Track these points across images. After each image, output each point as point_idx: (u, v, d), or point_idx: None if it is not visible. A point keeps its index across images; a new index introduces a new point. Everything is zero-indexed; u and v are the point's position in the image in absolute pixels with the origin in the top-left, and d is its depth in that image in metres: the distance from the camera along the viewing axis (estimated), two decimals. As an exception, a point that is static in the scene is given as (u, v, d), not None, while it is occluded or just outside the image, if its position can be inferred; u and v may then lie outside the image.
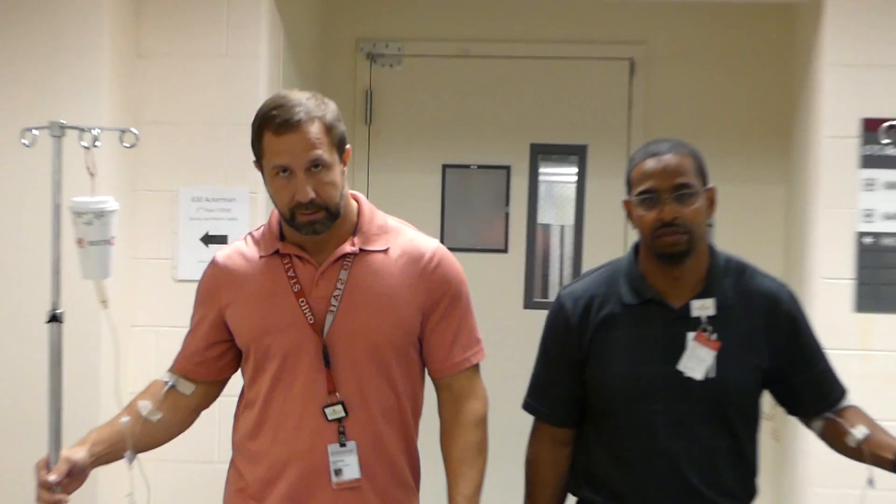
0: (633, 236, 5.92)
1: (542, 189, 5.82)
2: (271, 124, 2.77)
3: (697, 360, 2.85)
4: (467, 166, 5.79)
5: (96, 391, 4.43)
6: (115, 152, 4.48)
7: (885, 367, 4.55)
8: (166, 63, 4.93)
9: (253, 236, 3.03)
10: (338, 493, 2.85)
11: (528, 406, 3.13)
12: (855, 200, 4.75)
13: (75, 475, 2.77)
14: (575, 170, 5.80)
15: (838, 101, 4.79)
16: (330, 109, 2.84)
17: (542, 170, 5.82)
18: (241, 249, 3.02)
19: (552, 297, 5.71)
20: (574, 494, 3.12)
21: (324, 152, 2.77)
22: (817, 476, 4.63)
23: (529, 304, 5.80)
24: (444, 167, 5.84)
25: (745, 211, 5.53)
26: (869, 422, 2.91)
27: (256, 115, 2.85)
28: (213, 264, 3.04)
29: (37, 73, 4.69)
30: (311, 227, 2.80)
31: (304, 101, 2.79)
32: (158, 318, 4.18)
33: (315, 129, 2.77)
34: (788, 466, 4.90)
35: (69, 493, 2.77)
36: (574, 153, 5.78)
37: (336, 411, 2.82)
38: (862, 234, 4.75)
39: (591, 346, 2.97)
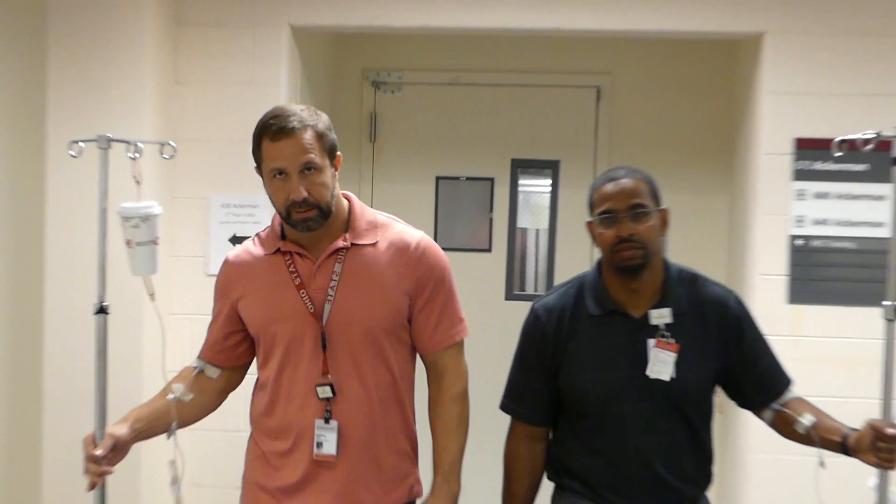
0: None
1: (520, 198, 5.84)
2: (269, 132, 2.79)
3: (662, 364, 2.86)
4: (457, 178, 5.80)
5: (139, 373, 4.47)
6: (157, 165, 4.50)
7: (814, 351, 4.64)
8: (200, 89, 4.97)
9: (259, 237, 3.05)
10: (339, 465, 2.87)
11: (506, 407, 3.15)
12: (788, 208, 4.80)
13: (119, 449, 2.80)
14: (549, 182, 5.82)
15: (774, 124, 4.83)
16: (322, 120, 2.87)
17: (521, 181, 5.84)
18: (248, 249, 3.04)
19: (529, 290, 5.81)
20: (552, 481, 3.13)
21: (316, 156, 2.80)
22: (756, 443, 4.66)
23: (510, 296, 5.82)
24: (438, 178, 5.83)
25: (695, 217, 5.56)
26: (814, 409, 2.94)
27: (256, 126, 2.87)
28: (226, 263, 3.08)
29: (90, 97, 4.74)
30: (305, 224, 2.81)
31: (299, 111, 2.83)
32: (193, 307, 4.19)
33: (308, 136, 2.79)
34: (731, 436, 4.95)
35: (113, 464, 2.80)
36: (548, 167, 5.79)
37: (325, 391, 2.83)
38: (794, 237, 4.80)
39: (564, 355, 2.99)
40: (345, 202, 3.00)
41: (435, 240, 6.16)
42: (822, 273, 4.76)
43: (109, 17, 4.70)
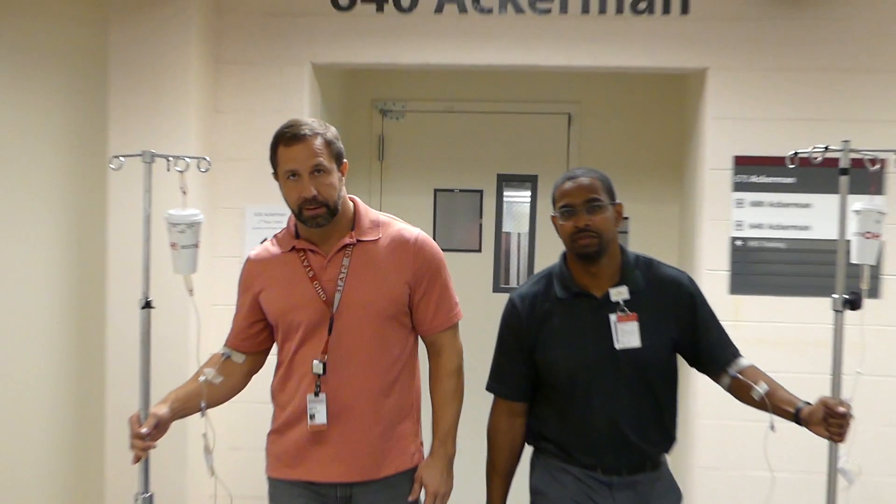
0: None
1: (505, 207, 5.81)
2: (283, 139, 2.83)
3: (627, 335, 2.84)
4: (452, 190, 5.79)
5: (186, 358, 4.49)
6: (200, 179, 4.53)
7: (752, 334, 4.62)
8: (236, 116, 4.97)
9: (276, 237, 3.05)
10: (343, 428, 2.87)
11: (490, 387, 3.12)
12: (729, 215, 4.81)
13: (160, 427, 2.82)
14: (529, 193, 5.80)
15: (716, 144, 4.83)
16: (330, 130, 2.91)
17: (505, 193, 5.80)
18: (267, 248, 3.04)
19: (513, 283, 5.84)
20: (531, 445, 3.11)
21: (324, 160, 2.82)
22: (703, 410, 4.68)
23: (497, 289, 5.75)
24: (436, 191, 5.78)
25: (651, 223, 5.58)
26: (767, 378, 2.91)
27: (273, 136, 2.92)
28: (248, 261, 3.08)
29: (144, 122, 4.74)
30: (314, 220, 2.82)
31: (310, 122, 2.87)
32: (230, 299, 4.24)
33: (318, 143, 2.82)
34: (680, 403, 4.95)
35: (155, 440, 2.83)
36: (528, 181, 5.79)
37: (317, 367, 2.83)
38: (734, 239, 4.80)
39: (538, 335, 2.96)
40: (351, 204, 3.00)
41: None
42: (757, 268, 4.79)
43: (161, 57, 4.73)
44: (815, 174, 4.75)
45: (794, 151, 2.95)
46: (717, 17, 4.86)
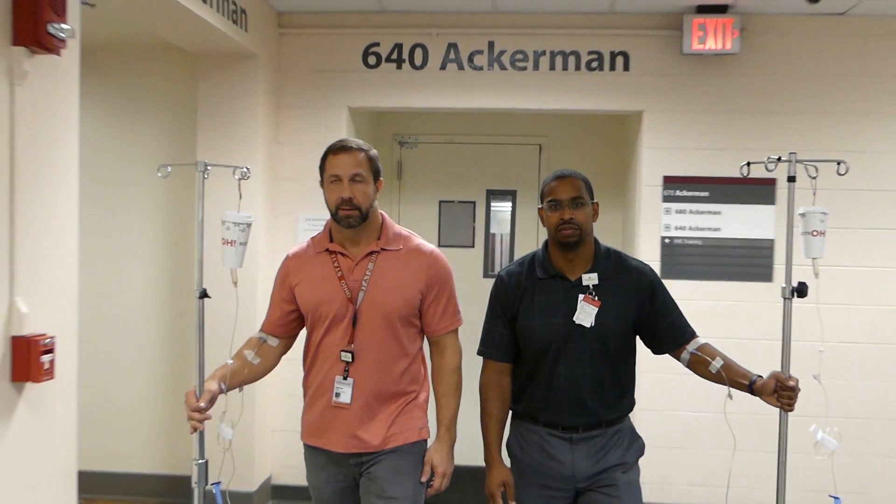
0: (542, 240, 5.99)
1: (492, 214, 5.71)
2: (333, 149, 2.63)
3: (586, 314, 2.62)
4: (452, 201, 5.74)
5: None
6: (266, 192, 4.56)
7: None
8: (291, 147, 5.02)
9: (313, 239, 2.77)
10: (357, 406, 2.63)
11: (481, 351, 2.85)
12: (660, 220, 4.84)
13: (213, 400, 2.59)
14: (510, 204, 5.71)
15: (650, 167, 4.86)
16: (373, 151, 2.68)
17: (492, 204, 5.70)
18: (304, 248, 2.78)
19: (497, 270, 5.74)
20: (512, 407, 2.82)
21: (363, 171, 2.59)
22: (643, 366, 4.68)
23: (486, 275, 5.61)
24: (440, 202, 5.70)
25: (601, 226, 5.43)
26: (721, 354, 2.68)
27: (325, 150, 2.70)
28: (287, 258, 2.81)
29: (224, 151, 4.73)
30: (347, 221, 2.58)
31: (358, 141, 2.67)
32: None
33: (360, 156, 2.61)
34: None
35: (210, 408, 2.58)
36: (509, 195, 5.72)
37: (346, 356, 2.60)
38: (664, 238, 4.85)
39: (519, 306, 2.72)
40: (380, 217, 2.74)
41: (438, 241, 6.30)
42: (680, 259, 4.82)
43: (237, 103, 4.76)
44: (723, 190, 4.82)
45: (746, 162, 2.70)
46: (650, 74, 4.88)
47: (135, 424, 5.13)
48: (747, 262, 4.79)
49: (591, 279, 2.66)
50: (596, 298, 2.65)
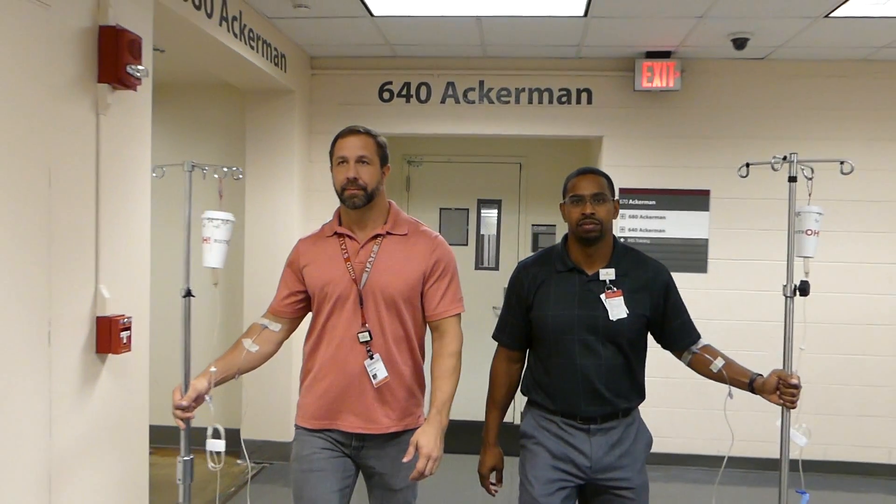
0: (524, 243, 5.98)
1: (482, 219, 5.75)
2: (342, 133, 2.25)
3: (616, 307, 2.19)
4: (450, 208, 5.76)
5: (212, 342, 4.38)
6: (302, 198, 4.51)
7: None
8: (321, 165, 4.92)
9: (325, 225, 2.35)
10: (363, 388, 2.21)
11: (495, 336, 2.45)
12: (616, 223, 4.74)
13: (200, 397, 2.19)
14: (496, 211, 5.71)
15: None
16: (381, 139, 2.29)
17: (482, 211, 5.70)
18: (315, 233, 2.36)
19: (485, 265, 5.79)
20: (525, 395, 2.42)
21: (369, 154, 2.20)
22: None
23: (476, 267, 5.67)
24: (441, 209, 5.71)
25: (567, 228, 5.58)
26: (722, 354, 2.31)
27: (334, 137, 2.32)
28: (299, 242, 2.37)
29: (267, 170, 4.71)
30: (352, 200, 2.18)
31: (367, 127, 2.27)
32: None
33: (368, 140, 2.22)
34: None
35: (197, 406, 2.21)
36: (496, 204, 5.76)
37: (364, 336, 2.18)
38: (619, 237, 4.76)
39: (535, 297, 2.31)
40: (388, 204, 2.33)
41: (440, 240, 6.04)
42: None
43: (277, 129, 4.73)
44: (666, 199, 4.82)
45: (746, 163, 2.33)
46: (608, 106, 4.87)
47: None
48: (686, 257, 4.79)
49: (608, 274, 2.26)
50: (615, 290, 2.24)
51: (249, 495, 4.26)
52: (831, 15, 3.87)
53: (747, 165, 2.33)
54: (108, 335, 2.56)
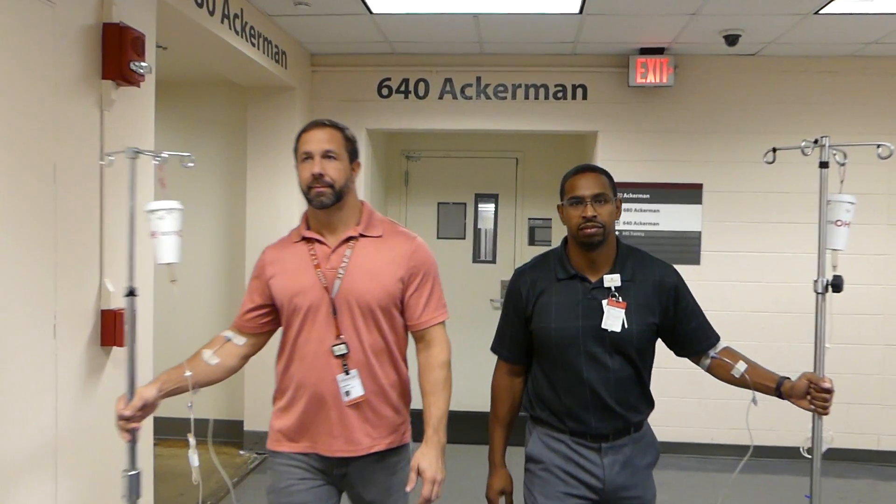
0: (521, 237, 5.98)
1: (479, 213, 5.73)
2: (306, 127, 2.01)
3: (614, 318, 1.97)
4: (448, 203, 5.75)
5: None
6: (302, 196, 4.49)
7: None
8: None
9: (292, 231, 2.07)
10: (341, 407, 1.96)
11: (494, 349, 2.20)
12: None
13: (148, 407, 1.89)
14: (493, 205, 5.70)
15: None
16: (349, 130, 2.05)
17: (479, 205, 5.68)
18: (283, 239, 2.09)
19: (483, 258, 5.79)
20: (527, 412, 2.17)
21: (336, 148, 1.95)
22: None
23: (475, 261, 5.69)
24: (439, 203, 5.69)
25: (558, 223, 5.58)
26: (743, 357, 2.08)
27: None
28: (264, 251, 2.09)
29: (267, 166, 4.67)
30: (319, 199, 1.92)
31: (333, 121, 2.03)
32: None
33: (334, 133, 1.98)
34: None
35: (145, 416, 1.91)
36: (492, 198, 5.72)
37: (340, 349, 1.93)
38: (615, 232, 4.80)
39: (535, 308, 2.06)
40: (360, 204, 2.07)
41: (437, 235, 6.23)
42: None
43: (278, 126, 4.69)
44: (660, 193, 4.82)
45: (772, 148, 2.09)
46: (603, 102, 4.85)
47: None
48: (679, 249, 4.79)
49: (613, 280, 2.01)
50: (620, 300, 2.01)
51: (251, 486, 4.25)
52: (821, 12, 3.87)
53: (774, 150, 2.10)
54: (113, 328, 2.55)
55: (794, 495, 4.06)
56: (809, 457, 2.01)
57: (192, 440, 1.94)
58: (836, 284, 1.99)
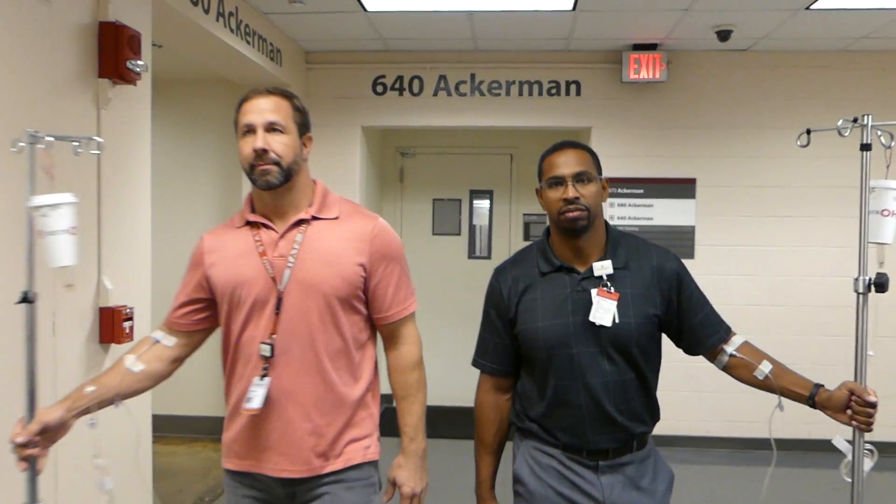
0: (516, 232, 5.99)
1: (474, 209, 5.74)
2: (246, 96, 1.73)
3: (604, 311, 1.69)
4: (443, 199, 5.76)
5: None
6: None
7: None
8: (317, 157, 4.77)
9: (235, 216, 1.79)
10: (287, 418, 1.66)
11: (476, 363, 1.90)
12: (606, 212, 4.75)
13: (52, 430, 1.57)
14: (488, 201, 5.72)
15: None
16: (298, 99, 1.76)
17: (474, 201, 5.70)
18: (223, 225, 1.80)
19: (478, 254, 5.81)
20: (515, 424, 1.87)
21: (282, 120, 1.67)
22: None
23: (470, 257, 5.72)
24: (434, 200, 5.70)
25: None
26: (766, 356, 1.79)
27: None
28: (203, 238, 1.79)
29: None
30: (265, 179, 1.64)
31: (281, 89, 1.75)
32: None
33: (280, 102, 1.69)
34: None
35: (52, 442, 1.59)
36: (487, 194, 5.76)
37: (264, 350, 1.64)
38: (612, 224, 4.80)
39: (518, 308, 1.79)
40: (313, 183, 1.81)
41: (431, 230, 6.21)
42: (621, 243, 4.79)
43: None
44: (654, 187, 4.82)
45: (807, 129, 1.80)
46: (596, 98, 4.86)
47: (196, 376, 5.10)
48: (674, 243, 4.79)
49: (603, 268, 1.74)
50: (612, 290, 1.72)
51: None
52: (812, 7, 3.90)
53: (808, 132, 1.81)
54: (111, 325, 2.55)
55: (819, 486, 4.00)
56: (849, 480, 1.73)
57: (101, 461, 1.66)
58: (881, 283, 1.68)
